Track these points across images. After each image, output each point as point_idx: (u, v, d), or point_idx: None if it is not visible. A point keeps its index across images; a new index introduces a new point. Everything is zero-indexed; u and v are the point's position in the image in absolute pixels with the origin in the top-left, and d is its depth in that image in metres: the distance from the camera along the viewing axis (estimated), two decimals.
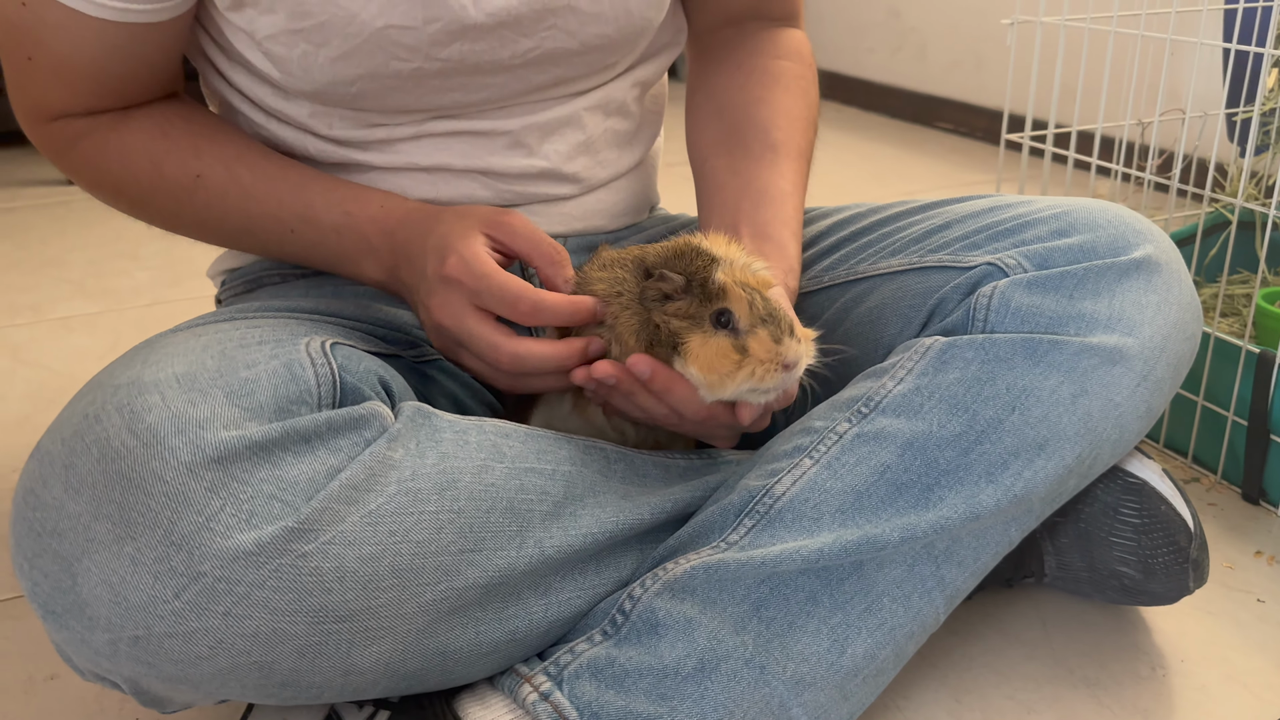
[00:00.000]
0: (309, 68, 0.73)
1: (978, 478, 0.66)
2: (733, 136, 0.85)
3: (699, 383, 0.66)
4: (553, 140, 0.83)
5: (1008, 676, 0.78)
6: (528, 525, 0.63)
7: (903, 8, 2.61)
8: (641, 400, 0.68)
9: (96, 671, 0.58)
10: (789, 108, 0.86)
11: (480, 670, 0.64)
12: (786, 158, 0.83)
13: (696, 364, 0.65)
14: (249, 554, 0.54)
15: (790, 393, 0.69)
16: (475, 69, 0.76)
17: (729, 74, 0.88)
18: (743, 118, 0.85)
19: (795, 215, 0.81)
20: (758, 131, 0.84)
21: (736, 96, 0.87)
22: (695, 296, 0.66)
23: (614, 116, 0.86)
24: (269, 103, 0.79)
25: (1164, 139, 1.18)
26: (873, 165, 2.26)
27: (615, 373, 0.67)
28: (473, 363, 0.71)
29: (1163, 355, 0.70)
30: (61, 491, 0.55)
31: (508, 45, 0.75)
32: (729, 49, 0.90)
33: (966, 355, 0.68)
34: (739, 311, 0.65)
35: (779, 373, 0.65)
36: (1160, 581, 0.78)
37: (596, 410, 0.75)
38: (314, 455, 0.57)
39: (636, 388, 0.67)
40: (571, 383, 0.69)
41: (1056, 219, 0.74)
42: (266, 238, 0.77)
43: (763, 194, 0.80)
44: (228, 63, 0.80)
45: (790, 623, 0.64)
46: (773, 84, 0.87)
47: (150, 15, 0.72)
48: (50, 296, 1.52)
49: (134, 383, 0.58)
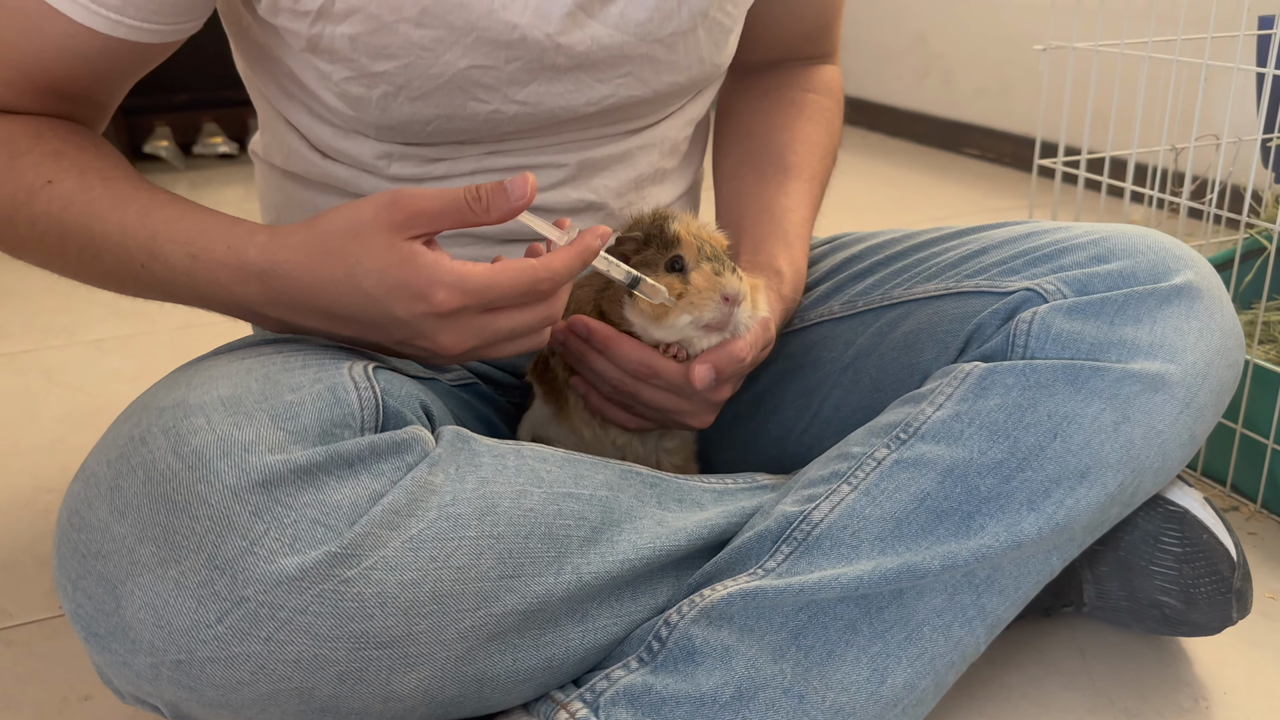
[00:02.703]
0: (387, 108, 0.73)
1: (1019, 505, 0.66)
2: (751, 160, 0.87)
3: (645, 320, 0.69)
4: (604, 176, 0.83)
5: (1047, 707, 0.77)
6: (565, 551, 0.63)
7: (929, 34, 2.61)
8: (593, 362, 0.71)
9: (137, 695, 0.58)
10: (808, 135, 0.88)
11: (517, 697, 0.64)
12: (797, 179, 0.85)
13: (642, 300, 0.68)
14: (292, 579, 0.54)
15: (740, 344, 0.70)
16: (550, 118, 0.76)
17: (757, 102, 0.91)
18: (763, 144, 0.88)
19: (795, 229, 0.82)
20: (774, 156, 0.86)
21: (761, 123, 0.89)
22: (655, 249, 0.70)
23: (667, 156, 0.87)
24: (328, 142, 0.79)
25: (1196, 165, 1.17)
26: (899, 191, 2.25)
27: (560, 329, 0.71)
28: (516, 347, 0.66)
29: (1205, 382, 0.69)
30: (107, 514, 0.56)
31: (583, 90, 0.76)
32: (761, 80, 0.93)
33: (1007, 381, 0.68)
34: (689, 255, 0.69)
35: (718, 304, 0.68)
36: (1203, 611, 0.77)
37: (579, 420, 0.77)
38: (357, 479, 0.57)
39: (583, 348, 0.71)
40: None
41: (1095, 244, 0.73)
42: (115, 266, 0.66)
43: (765, 211, 0.82)
44: (286, 100, 0.80)
45: (829, 651, 0.63)
46: (797, 114, 0.89)
47: (153, 35, 0.69)
48: (84, 319, 1.54)
49: (179, 405, 0.58)
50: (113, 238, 0.65)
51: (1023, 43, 2.33)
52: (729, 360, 0.70)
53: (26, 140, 0.67)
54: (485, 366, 0.83)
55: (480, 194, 0.60)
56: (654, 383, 0.71)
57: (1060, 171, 1.20)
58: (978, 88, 2.49)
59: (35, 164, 0.66)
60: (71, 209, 0.65)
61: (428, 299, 0.60)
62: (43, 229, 0.66)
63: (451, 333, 0.62)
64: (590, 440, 0.77)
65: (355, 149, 0.78)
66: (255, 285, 0.62)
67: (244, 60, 0.82)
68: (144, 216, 0.65)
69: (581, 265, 0.64)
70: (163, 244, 0.64)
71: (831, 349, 0.82)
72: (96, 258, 0.66)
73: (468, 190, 0.61)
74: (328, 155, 0.80)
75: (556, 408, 0.78)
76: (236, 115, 2.40)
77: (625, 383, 0.71)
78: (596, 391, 0.75)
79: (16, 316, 1.56)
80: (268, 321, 0.65)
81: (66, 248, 0.66)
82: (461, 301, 0.60)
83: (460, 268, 0.60)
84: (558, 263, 0.62)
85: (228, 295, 0.64)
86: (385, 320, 0.61)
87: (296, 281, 0.62)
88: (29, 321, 1.54)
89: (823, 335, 0.83)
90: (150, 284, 0.66)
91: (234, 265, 0.62)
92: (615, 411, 0.75)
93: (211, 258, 0.63)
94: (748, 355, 0.71)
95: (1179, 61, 1.10)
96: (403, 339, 0.63)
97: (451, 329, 0.62)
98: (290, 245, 0.62)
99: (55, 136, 0.69)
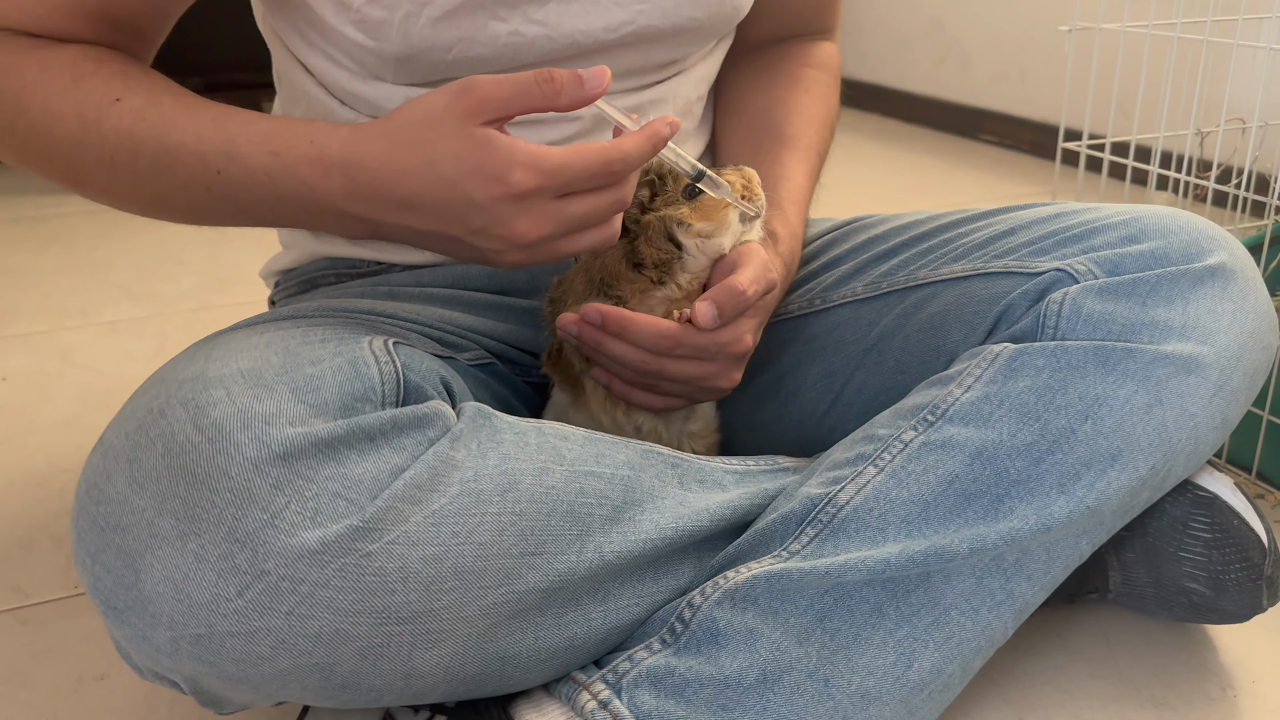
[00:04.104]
0: (408, 31, 0.71)
1: (1049, 488, 0.64)
2: (748, 132, 0.88)
3: (702, 235, 0.71)
4: None
5: (1072, 694, 0.76)
6: (588, 530, 0.62)
7: (946, 19, 2.59)
8: (611, 348, 0.70)
9: (156, 670, 0.57)
10: (805, 107, 0.88)
11: (538, 676, 0.63)
12: (793, 150, 0.85)
13: (694, 218, 0.71)
14: (314, 553, 0.53)
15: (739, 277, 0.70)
16: (569, 44, 0.75)
17: (755, 77, 0.91)
18: (761, 117, 0.88)
19: (791, 195, 0.83)
20: (771, 128, 0.87)
21: (760, 98, 0.89)
22: (669, 188, 0.73)
23: (682, 116, 0.86)
24: (345, 86, 0.77)
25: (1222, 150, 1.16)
26: (917, 177, 2.24)
27: (572, 321, 0.71)
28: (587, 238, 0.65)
29: (1239, 365, 0.68)
30: (126, 486, 0.55)
31: (602, 12, 0.75)
32: (760, 56, 0.93)
33: (1037, 363, 0.67)
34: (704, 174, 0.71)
35: (760, 192, 0.72)
36: (1232, 599, 0.76)
37: (597, 406, 0.76)
38: (378, 453, 0.57)
39: (599, 335, 0.70)
40: None
41: (1126, 225, 0.72)
42: (189, 178, 0.65)
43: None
44: (305, 46, 0.79)
45: (855, 635, 0.62)
46: (794, 86, 0.90)
47: None
48: (98, 300, 1.53)
49: (199, 378, 0.58)
50: (188, 145, 0.64)
51: (1041, 27, 2.31)
52: (729, 295, 0.69)
53: (89, 63, 0.67)
54: (503, 346, 0.82)
55: (554, 77, 0.61)
56: (677, 354, 0.70)
57: (1084, 155, 1.18)
58: (995, 73, 2.46)
59: (102, 84, 0.66)
60: (144, 123, 0.65)
61: (505, 180, 0.60)
62: (114, 147, 0.65)
63: (527, 218, 0.62)
64: (609, 427, 0.76)
65: (373, 93, 0.77)
66: (339, 179, 0.62)
67: (263, 5, 0.81)
68: (219, 122, 0.65)
69: (652, 151, 0.64)
70: (241, 145, 0.64)
71: (855, 330, 0.81)
72: (169, 170, 0.65)
73: (538, 73, 0.61)
74: (345, 103, 0.79)
75: (573, 395, 0.78)
76: (248, 98, 2.39)
77: (648, 362, 0.70)
78: (618, 379, 0.74)
79: (30, 297, 1.55)
80: (346, 220, 0.65)
81: (138, 164, 0.65)
82: (538, 181, 0.60)
83: (535, 149, 0.60)
84: (629, 145, 0.62)
85: (309, 191, 0.63)
86: (464, 206, 0.61)
87: (378, 172, 0.62)
88: (43, 302, 1.53)
89: (845, 316, 0.82)
90: (225, 192, 0.65)
91: (317, 159, 0.63)
92: (640, 395, 0.74)
93: (294, 153, 0.63)
94: (748, 289, 0.70)
95: (1209, 42, 1.08)
96: (480, 226, 0.62)
97: (527, 214, 0.61)
98: (370, 136, 0.62)
99: (116, 60, 0.68)
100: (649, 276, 0.72)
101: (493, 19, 0.72)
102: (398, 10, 0.71)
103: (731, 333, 0.71)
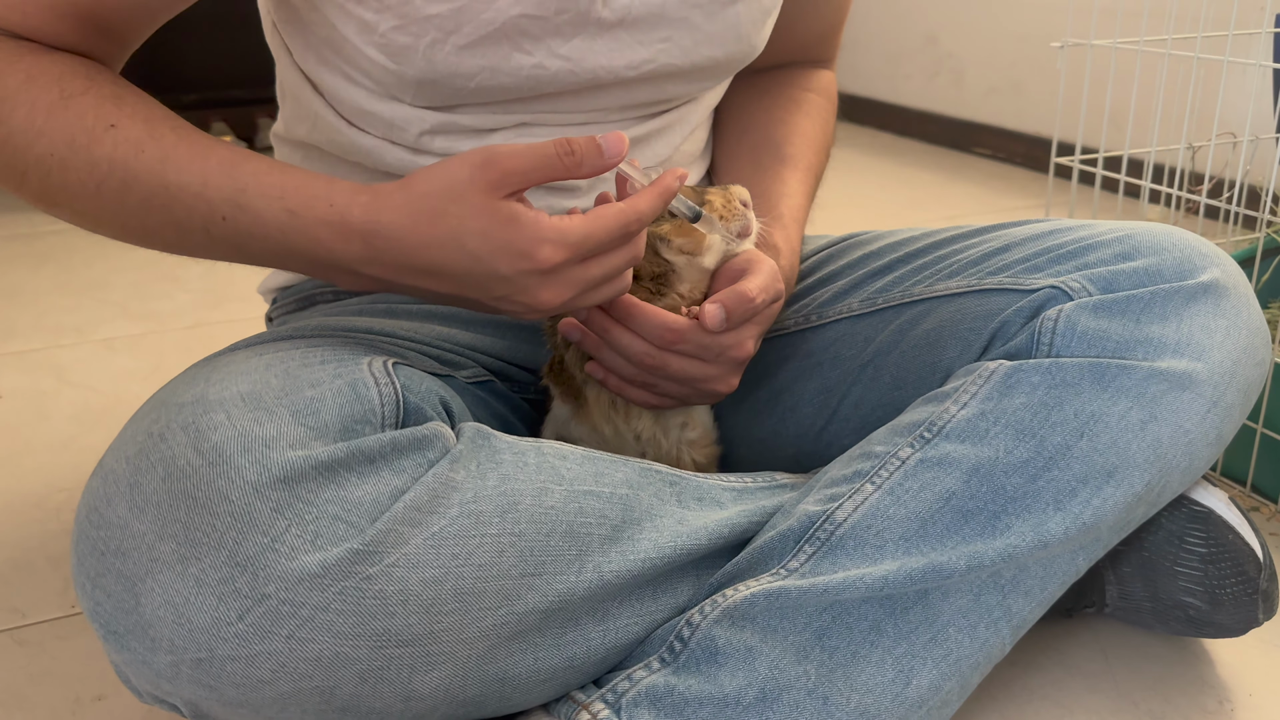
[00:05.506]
0: (433, 58, 0.71)
1: (1046, 505, 0.65)
2: (751, 151, 0.89)
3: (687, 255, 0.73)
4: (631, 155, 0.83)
5: (1070, 709, 0.76)
6: (586, 549, 0.62)
7: (940, 34, 2.60)
8: (616, 337, 0.70)
9: (156, 694, 0.57)
10: (806, 130, 0.90)
11: (537, 697, 0.63)
12: (793, 169, 0.87)
13: (674, 235, 0.73)
14: (314, 576, 0.53)
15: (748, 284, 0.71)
16: (590, 79, 0.76)
17: (758, 98, 0.93)
18: (762, 137, 0.90)
19: (791, 213, 0.84)
20: (772, 147, 0.88)
21: (760, 118, 0.91)
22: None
23: (688, 139, 0.87)
24: (359, 106, 0.77)
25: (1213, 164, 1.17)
26: (911, 191, 2.25)
27: (576, 327, 0.71)
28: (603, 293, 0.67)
29: (1233, 381, 0.69)
30: (126, 510, 0.55)
31: (624, 51, 0.75)
32: (762, 79, 0.94)
33: (1033, 380, 0.67)
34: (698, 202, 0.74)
35: (740, 209, 0.74)
36: (1228, 613, 0.76)
37: (599, 417, 0.76)
38: (378, 476, 0.57)
39: (606, 320, 0.70)
40: None
41: (1120, 242, 0.72)
42: (186, 219, 0.63)
43: (761, 196, 0.83)
44: (318, 63, 0.78)
45: (854, 653, 0.63)
46: (795, 109, 0.92)
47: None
48: (94, 318, 1.53)
49: (198, 401, 0.58)
50: (191, 188, 0.63)
51: (1034, 42, 2.33)
52: (737, 300, 0.69)
53: (78, 80, 0.65)
54: (501, 364, 0.83)
55: (574, 149, 0.62)
56: (679, 349, 0.70)
57: (1077, 170, 1.19)
58: (989, 87, 2.48)
59: (94, 106, 0.64)
60: (141, 156, 0.63)
61: (532, 257, 0.61)
62: (104, 175, 0.63)
63: (551, 288, 0.63)
64: (611, 437, 0.76)
65: (389, 113, 0.76)
66: (358, 244, 0.62)
67: (277, 21, 0.81)
68: (229, 169, 0.63)
69: (663, 205, 0.66)
70: (253, 198, 0.63)
71: (851, 346, 0.81)
72: (165, 208, 0.63)
73: (558, 144, 0.62)
74: (354, 124, 0.79)
75: (575, 406, 0.78)
76: (245, 115, 2.40)
77: (650, 355, 0.70)
78: (615, 375, 0.74)
79: (26, 314, 1.55)
80: (361, 279, 0.65)
81: (128, 197, 0.64)
82: (565, 255, 0.62)
83: (559, 223, 0.62)
84: (644, 204, 0.64)
85: (326, 253, 0.63)
86: (488, 278, 0.62)
87: (401, 242, 0.62)
88: (39, 319, 1.53)
89: (841, 332, 0.82)
90: (225, 237, 0.64)
91: (338, 224, 0.62)
92: (636, 392, 0.74)
93: (312, 214, 0.62)
94: (756, 296, 0.70)
95: (1199, 59, 1.09)
96: (503, 294, 0.63)
97: (552, 284, 0.63)
98: (393, 205, 0.62)
99: (108, 80, 0.66)
100: (646, 288, 0.73)
101: (517, 51, 0.73)
102: (424, 37, 0.71)
103: (735, 337, 0.71)
